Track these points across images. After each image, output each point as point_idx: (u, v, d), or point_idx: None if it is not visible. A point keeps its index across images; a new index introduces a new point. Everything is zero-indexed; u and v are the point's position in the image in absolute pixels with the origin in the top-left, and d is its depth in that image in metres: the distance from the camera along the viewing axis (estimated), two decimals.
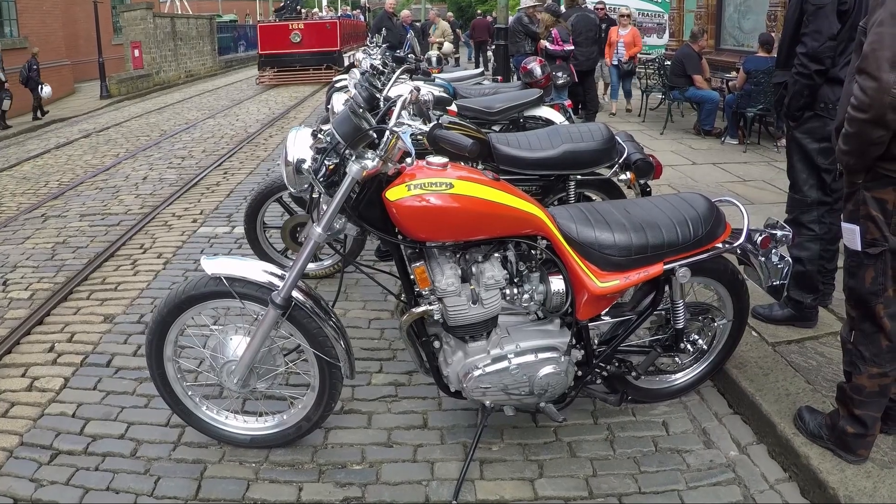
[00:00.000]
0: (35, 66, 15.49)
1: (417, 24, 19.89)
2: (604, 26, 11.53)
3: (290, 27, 20.20)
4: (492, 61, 15.05)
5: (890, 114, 2.21)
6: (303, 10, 23.40)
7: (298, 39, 19.90)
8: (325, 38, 20.08)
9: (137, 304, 4.45)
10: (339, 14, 27.17)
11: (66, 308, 4.43)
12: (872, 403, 2.56)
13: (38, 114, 15.52)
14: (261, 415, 2.97)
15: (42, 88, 15.30)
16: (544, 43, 9.25)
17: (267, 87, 19.60)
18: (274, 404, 3.06)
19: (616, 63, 11.43)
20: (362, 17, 28.81)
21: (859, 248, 2.46)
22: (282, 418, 2.91)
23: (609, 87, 12.20)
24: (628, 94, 11.99)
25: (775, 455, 2.88)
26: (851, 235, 2.47)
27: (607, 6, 13.39)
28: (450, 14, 28.38)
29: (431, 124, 2.58)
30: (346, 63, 19.07)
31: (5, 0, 17.58)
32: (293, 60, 20.05)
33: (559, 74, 8.88)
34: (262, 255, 4.59)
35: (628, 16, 11.88)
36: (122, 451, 2.94)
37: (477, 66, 20.27)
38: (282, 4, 23.58)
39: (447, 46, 15.31)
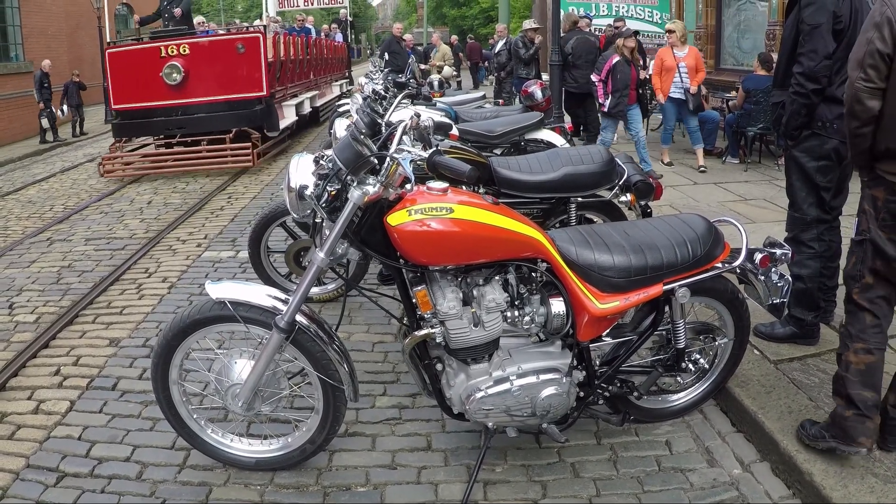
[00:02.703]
0: (69, 87, 16.23)
1: (419, 47, 18.57)
2: None
3: (163, 53, 9.66)
4: (493, 83, 15.16)
5: (856, 105, 2.53)
6: (210, 23, 13.65)
7: (179, 78, 9.57)
8: (236, 71, 9.83)
9: (143, 327, 4.48)
10: (283, 26, 16.46)
11: (72, 332, 4.46)
12: (860, 383, 2.68)
13: (78, 130, 16.31)
14: (265, 438, 2.98)
15: (61, 111, 15.69)
16: (644, 73, 8.44)
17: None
18: (278, 427, 3.08)
19: (682, 95, 8.64)
20: (339, 37, 19.29)
21: (854, 238, 2.75)
22: (286, 441, 2.93)
23: (661, 127, 9.43)
24: (697, 141, 8.77)
25: (779, 472, 2.89)
26: (852, 226, 2.77)
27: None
28: (454, 37, 28.11)
29: (430, 150, 2.62)
30: (290, 120, 11.59)
31: (11, 24, 17.77)
32: (170, 123, 9.91)
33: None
34: (267, 280, 4.63)
35: (673, 31, 8.93)
36: (127, 474, 2.96)
37: (474, 86, 20.38)
38: (151, 14, 12.85)
39: (446, 70, 15.27)
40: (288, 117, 11.54)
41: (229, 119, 9.95)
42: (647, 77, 8.31)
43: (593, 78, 8.50)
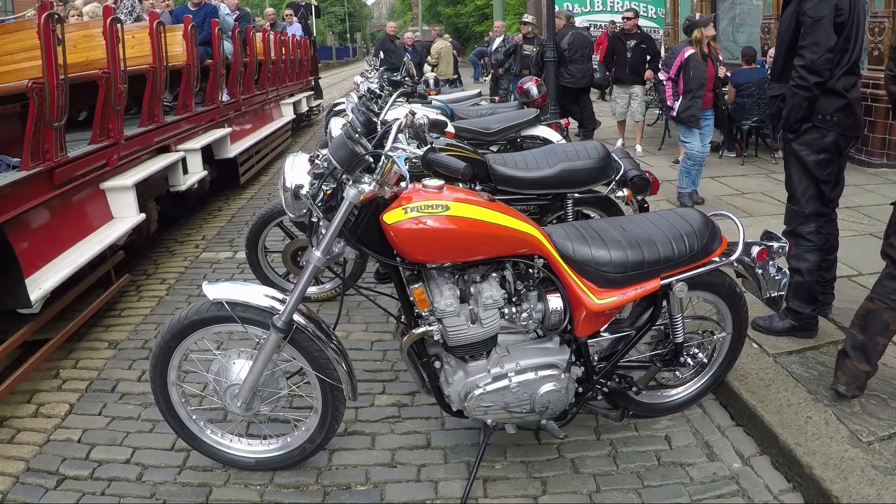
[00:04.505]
0: None
1: (418, 45, 18.78)
2: (631, 44, 9.44)
3: None
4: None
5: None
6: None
7: None
8: None
9: (141, 329, 4.48)
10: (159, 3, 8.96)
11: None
12: (855, 325, 3.05)
13: None
14: (265, 437, 2.98)
15: None
16: (725, 71, 7.32)
17: None
18: (278, 427, 3.07)
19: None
20: (296, 28, 14.30)
21: None
22: (286, 441, 2.93)
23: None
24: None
25: (778, 466, 2.89)
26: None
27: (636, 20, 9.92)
28: (447, 36, 27.86)
29: (425, 148, 2.61)
30: (129, 223, 4.64)
31: None
32: None
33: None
34: (264, 280, 4.63)
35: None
36: (127, 476, 2.96)
37: (461, 83, 20.32)
38: None
39: (426, 69, 14.85)
40: (122, 217, 4.81)
41: None
42: (727, 75, 7.17)
43: (661, 76, 7.29)
